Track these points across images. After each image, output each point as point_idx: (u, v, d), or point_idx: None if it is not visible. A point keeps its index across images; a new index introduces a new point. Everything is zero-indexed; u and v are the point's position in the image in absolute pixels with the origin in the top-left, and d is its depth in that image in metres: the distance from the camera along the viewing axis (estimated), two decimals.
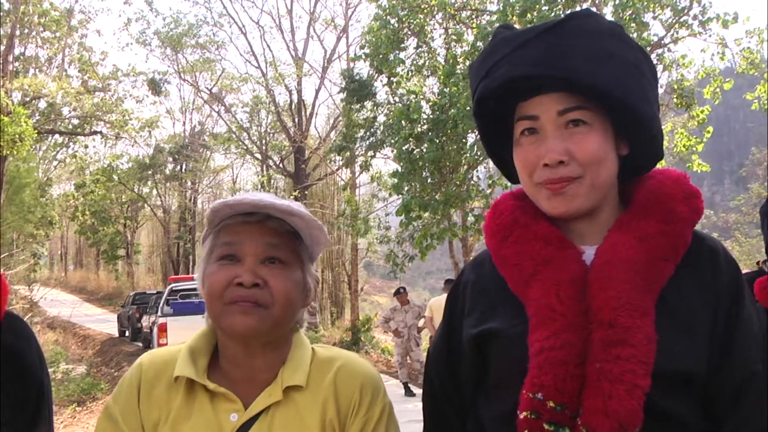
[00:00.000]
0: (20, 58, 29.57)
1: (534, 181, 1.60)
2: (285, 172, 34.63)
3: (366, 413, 1.68)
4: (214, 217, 1.68)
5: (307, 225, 1.68)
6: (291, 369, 1.68)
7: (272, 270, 1.63)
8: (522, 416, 1.47)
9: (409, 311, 14.70)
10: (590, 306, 1.50)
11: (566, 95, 1.55)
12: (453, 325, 1.78)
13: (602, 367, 1.43)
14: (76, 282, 49.10)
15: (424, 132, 17.02)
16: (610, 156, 1.58)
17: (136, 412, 1.66)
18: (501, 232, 1.68)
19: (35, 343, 1.90)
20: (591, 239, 1.62)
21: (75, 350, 21.64)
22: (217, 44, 35.26)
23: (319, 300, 33.82)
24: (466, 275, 1.79)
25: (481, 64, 1.68)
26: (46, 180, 38.00)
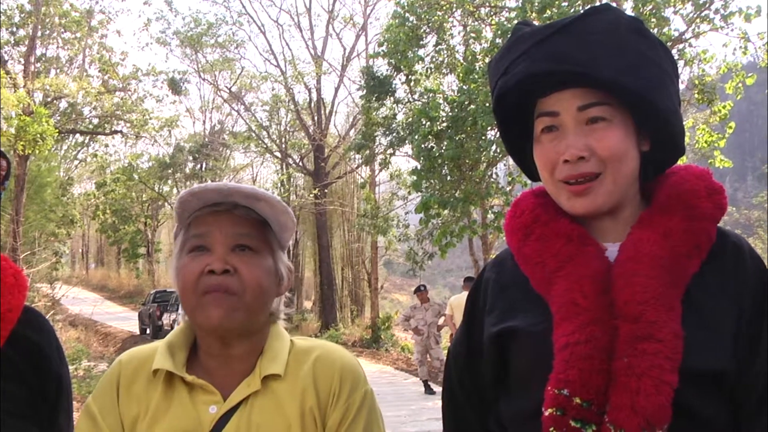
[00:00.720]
0: (42, 59, 29.75)
1: (555, 178, 1.59)
2: (305, 171, 34.67)
3: (346, 400, 1.66)
4: (183, 210, 1.69)
5: (274, 210, 1.68)
6: (269, 359, 1.68)
7: (242, 258, 1.63)
8: (547, 413, 1.46)
9: (429, 309, 14.69)
10: (615, 301, 1.48)
11: (586, 91, 1.54)
12: (473, 323, 1.77)
13: (630, 362, 1.41)
14: (97, 280, 49.35)
15: (444, 129, 17.00)
16: (631, 152, 1.57)
17: (115, 409, 1.66)
18: (522, 230, 1.67)
19: (54, 338, 1.91)
20: (613, 236, 1.61)
21: (96, 347, 21.77)
22: (236, 43, 35.38)
23: (339, 298, 33.87)
24: (487, 274, 1.78)
25: (499, 61, 1.67)
26: (67, 179, 38.24)
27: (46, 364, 1.83)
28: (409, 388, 15.69)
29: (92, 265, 56.75)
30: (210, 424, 1.61)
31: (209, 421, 1.61)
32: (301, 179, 36.83)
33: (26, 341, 1.80)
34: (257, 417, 1.61)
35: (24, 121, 17.44)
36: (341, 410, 1.65)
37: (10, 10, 26.42)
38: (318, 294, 33.97)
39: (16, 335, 1.77)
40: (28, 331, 1.81)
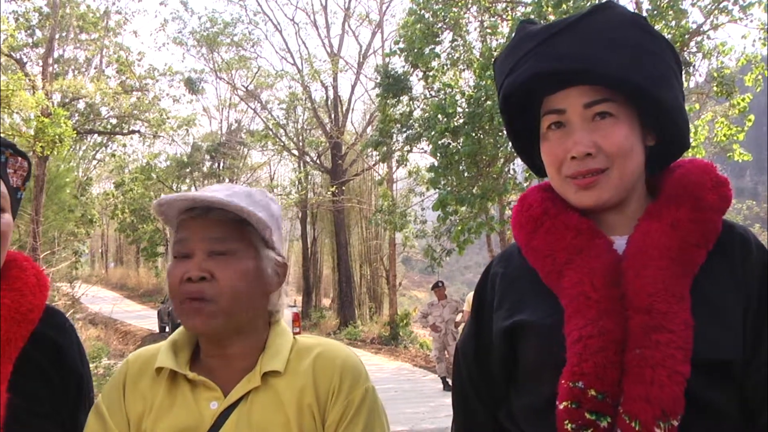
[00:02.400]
0: (59, 61, 29.91)
1: (562, 175, 1.61)
2: (322, 168, 34.69)
3: (346, 397, 1.67)
4: (165, 217, 1.72)
5: (245, 213, 1.66)
6: (269, 356, 1.70)
7: (218, 262, 1.64)
8: (562, 406, 1.46)
9: (446, 306, 14.70)
10: (626, 293, 1.50)
11: (592, 88, 1.56)
12: (482, 318, 1.78)
13: (643, 353, 1.42)
14: (116, 279, 49.60)
15: (460, 126, 16.93)
16: (637, 147, 1.59)
17: (122, 408, 1.70)
18: (530, 224, 1.69)
19: (75, 337, 1.94)
20: (620, 230, 1.63)
21: (116, 346, 21.87)
22: (252, 42, 35.45)
23: (357, 295, 33.90)
24: (494, 268, 1.79)
25: (504, 60, 1.69)
26: (86, 179, 38.43)
27: (68, 363, 1.86)
28: (428, 384, 15.70)
29: (111, 264, 57.03)
30: (211, 419, 1.63)
31: (210, 416, 1.63)
32: (319, 177, 36.84)
33: (48, 341, 1.82)
34: (257, 413, 1.63)
35: (43, 123, 17.55)
36: (341, 407, 1.66)
37: (28, 12, 26.56)
38: (336, 291, 34.00)
39: (39, 335, 1.79)
40: (49, 331, 1.84)
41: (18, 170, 1.87)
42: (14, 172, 1.86)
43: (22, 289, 1.79)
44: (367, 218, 32.52)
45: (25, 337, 1.75)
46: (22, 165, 1.88)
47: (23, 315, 1.75)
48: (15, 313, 1.74)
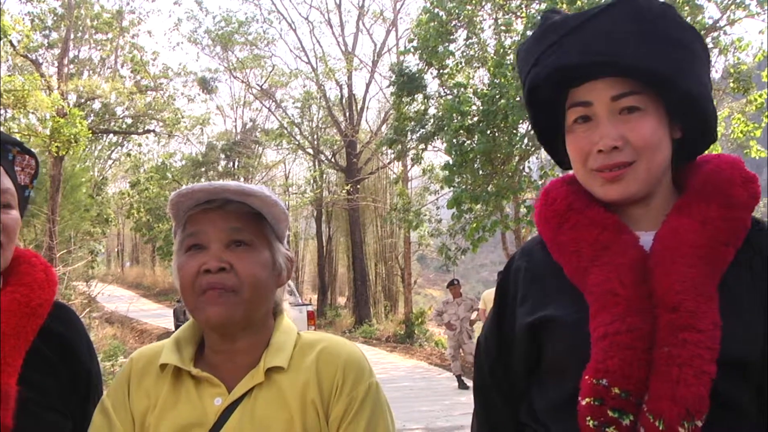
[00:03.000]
0: (75, 61, 30.02)
1: (588, 168, 1.59)
2: (337, 167, 34.68)
3: (350, 393, 1.66)
4: (177, 210, 1.71)
5: (264, 204, 1.68)
6: (273, 352, 1.69)
7: (237, 253, 1.65)
8: (584, 402, 1.45)
9: (461, 304, 14.66)
10: (653, 291, 1.48)
11: (619, 80, 1.54)
12: (504, 313, 1.77)
13: (670, 352, 1.41)
14: (132, 278, 49.72)
15: (475, 124, 16.91)
16: (664, 141, 1.56)
17: (126, 405, 1.70)
18: (555, 219, 1.67)
19: (84, 333, 1.96)
20: (645, 225, 1.61)
21: (132, 344, 21.90)
22: (267, 41, 35.46)
23: (373, 294, 33.89)
24: (517, 263, 1.77)
25: (529, 51, 1.67)
26: (101, 179, 38.56)
27: (76, 358, 1.87)
28: (443, 383, 15.66)
29: (127, 263, 57.20)
30: (215, 415, 1.63)
31: (214, 412, 1.63)
32: (334, 175, 36.84)
33: (57, 335, 1.84)
34: (260, 409, 1.63)
35: (58, 123, 17.61)
36: (344, 403, 1.65)
37: (43, 13, 26.69)
38: (351, 290, 34.00)
39: (47, 330, 1.81)
40: (58, 326, 1.86)
41: (26, 168, 1.89)
42: (22, 170, 1.87)
43: (32, 284, 1.81)
44: (382, 216, 32.53)
45: (34, 330, 1.77)
46: (29, 163, 1.89)
47: (33, 309, 1.77)
48: (25, 308, 1.76)
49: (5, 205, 1.76)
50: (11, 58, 25.34)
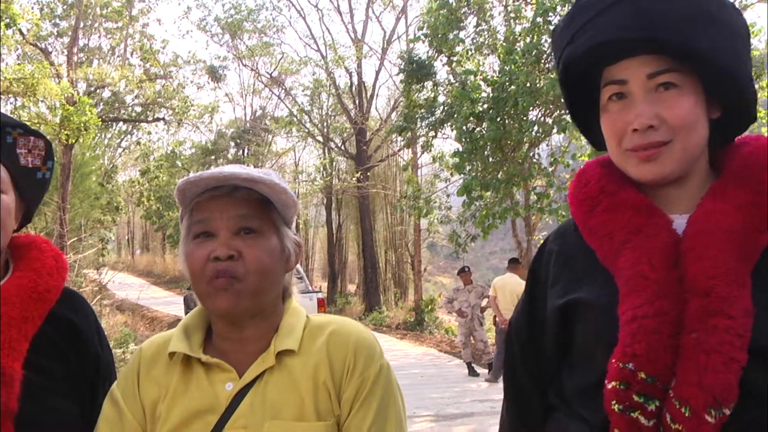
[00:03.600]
0: (84, 49, 30.05)
1: (623, 148, 1.56)
2: (347, 154, 34.68)
3: (361, 374, 1.65)
4: (183, 197, 1.70)
5: (273, 190, 1.67)
6: (283, 335, 1.69)
7: (246, 241, 1.64)
8: (610, 386, 1.44)
9: (472, 291, 14.64)
10: (685, 275, 1.45)
11: (655, 57, 1.51)
12: (535, 295, 1.75)
13: (698, 338, 1.38)
14: (143, 266, 49.85)
15: (485, 111, 16.88)
16: (701, 120, 1.53)
17: (136, 395, 1.70)
18: (588, 201, 1.65)
19: (93, 320, 1.95)
20: (679, 207, 1.58)
21: (143, 332, 21.97)
22: (276, 28, 35.42)
23: (383, 281, 33.93)
24: (549, 246, 1.76)
25: (564, 29, 1.64)
26: (111, 167, 38.60)
27: (85, 344, 1.87)
28: (453, 370, 15.68)
29: (138, 251, 57.36)
30: (227, 400, 1.63)
31: (226, 397, 1.63)
32: (344, 163, 36.86)
33: (66, 322, 1.84)
34: (272, 392, 1.63)
35: (68, 111, 17.63)
36: (356, 384, 1.65)
37: (53, 2, 26.71)
38: (361, 277, 34.06)
39: (56, 315, 1.81)
40: (67, 312, 1.86)
41: (33, 150, 1.86)
42: (28, 151, 1.85)
43: (40, 270, 1.81)
44: (392, 204, 32.55)
45: (42, 316, 1.77)
46: (36, 144, 1.87)
47: (40, 294, 1.77)
48: (32, 293, 1.76)
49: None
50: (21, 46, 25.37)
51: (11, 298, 1.73)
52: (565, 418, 1.66)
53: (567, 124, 15.74)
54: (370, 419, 1.63)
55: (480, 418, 10.25)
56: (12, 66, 18.91)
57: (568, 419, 1.64)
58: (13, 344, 1.68)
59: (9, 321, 1.70)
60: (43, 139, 1.89)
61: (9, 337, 1.68)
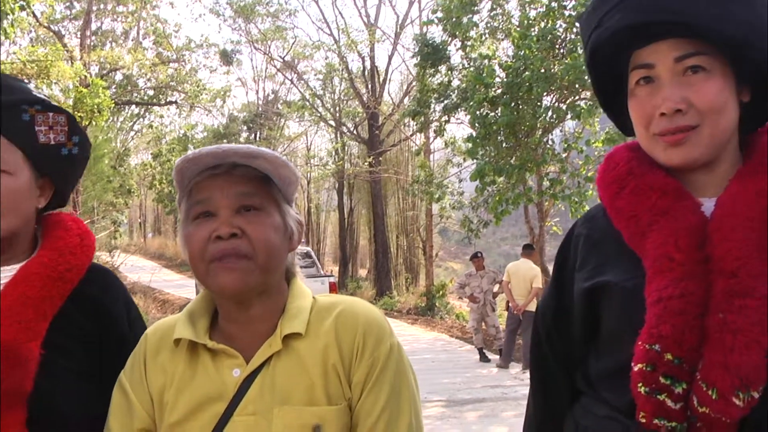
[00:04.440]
0: (97, 33, 30.10)
1: (650, 132, 1.55)
2: (359, 139, 34.66)
3: (371, 355, 1.62)
4: (182, 178, 1.66)
5: (274, 166, 1.64)
6: (289, 318, 1.65)
7: (248, 218, 1.61)
8: (637, 368, 1.43)
9: (484, 276, 14.63)
10: (711, 256, 1.44)
11: (683, 41, 1.50)
12: (563, 278, 1.75)
13: (725, 318, 1.37)
14: (154, 248, 50.01)
15: (499, 96, 16.79)
16: (730, 103, 1.52)
17: (143, 383, 1.68)
18: (616, 184, 1.63)
19: (124, 298, 1.94)
20: (709, 191, 1.57)
21: (155, 314, 22.04)
22: (288, 12, 35.36)
23: (394, 266, 33.97)
24: (578, 229, 1.75)
25: (592, 13, 1.63)
26: (123, 150, 38.73)
27: (111, 322, 1.86)
28: (464, 355, 15.70)
29: (150, 234, 57.58)
30: (234, 387, 1.60)
31: (233, 384, 1.60)
32: (356, 147, 36.86)
33: (91, 299, 1.83)
34: (280, 377, 1.60)
35: (81, 93, 17.65)
36: (366, 365, 1.61)
37: None
38: (373, 262, 34.12)
39: (80, 293, 1.80)
40: (93, 290, 1.85)
41: (55, 126, 1.83)
42: (50, 128, 1.82)
43: (62, 249, 1.80)
44: (403, 189, 32.53)
45: (63, 295, 1.76)
46: (57, 120, 1.83)
47: (60, 274, 1.76)
48: (52, 271, 1.75)
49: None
50: (34, 29, 25.42)
51: (30, 277, 1.73)
52: (591, 402, 1.66)
53: (581, 110, 15.68)
54: (383, 401, 1.60)
55: (491, 404, 10.26)
56: (26, 47, 18.95)
57: (594, 403, 1.64)
58: (29, 324, 1.67)
59: (26, 300, 1.69)
60: (64, 114, 1.85)
61: (26, 317, 1.67)
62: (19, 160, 1.76)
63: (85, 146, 1.91)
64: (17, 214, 1.74)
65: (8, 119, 1.75)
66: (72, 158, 1.88)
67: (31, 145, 1.79)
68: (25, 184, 1.77)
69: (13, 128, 1.76)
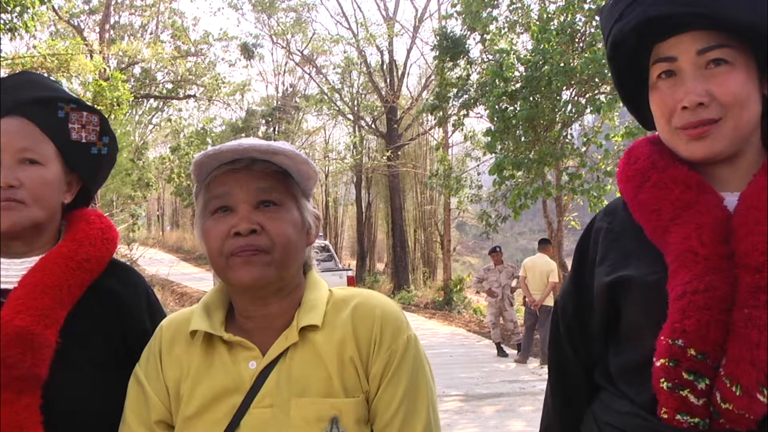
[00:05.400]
0: (116, 27, 30.20)
1: (672, 126, 1.54)
2: (377, 133, 34.65)
3: (389, 347, 1.62)
4: (200, 171, 1.66)
5: (293, 161, 1.64)
6: (306, 310, 1.66)
7: (267, 213, 1.61)
8: (659, 363, 1.42)
9: (502, 271, 14.64)
10: (735, 250, 1.43)
11: (706, 33, 1.48)
12: (583, 272, 1.73)
13: (750, 314, 1.36)
14: (173, 242, 50.25)
15: (518, 90, 16.75)
16: (753, 96, 1.50)
17: (159, 375, 1.69)
18: (637, 177, 1.62)
19: (145, 294, 1.96)
20: (732, 185, 1.55)
21: (173, 307, 22.17)
22: (307, 7, 35.34)
23: (412, 260, 33.97)
24: (598, 223, 1.74)
25: (613, 6, 1.62)
26: (142, 143, 38.87)
27: (131, 316, 1.88)
28: (482, 350, 15.70)
29: (168, 227, 57.86)
30: (251, 379, 1.61)
31: (250, 376, 1.61)
32: (374, 141, 36.86)
33: (111, 293, 1.86)
34: (297, 369, 1.60)
35: (101, 87, 17.72)
36: (384, 358, 1.61)
37: None
38: (390, 256, 34.15)
39: (101, 286, 1.85)
40: (114, 284, 1.88)
41: (87, 125, 1.90)
42: (82, 126, 1.89)
43: (82, 240, 1.84)
44: (422, 183, 32.52)
45: (82, 285, 1.80)
46: (90, 119, 1.91)
47: (78, 263, 1.79)
48: (69, 261, 1.78)
49: (30, 161, 1.78)
50: (54, 23, 25.55)
51: (48, 266, 1.76)
52: (610, 397, 1.64)
53: (600, 104, 15.61)
54: (401, 394, 1.61)
55: (509, 399, 10.25)
56: (46, 41, 19.06)
57: (613, 399, 1.63)
58: (46, 311, 1.70)
59: (44, 288, 1.72)
60: (97, 114, 1.93)
61: (42, 304, 1.70)
62: (51, 153, 1.82)
63: (113, 147, 1.99)
64: (43, 205, 1.79)
65: (44, 114, 1.82)
66: (101, 158, 1.95)
67: (63, 140, 1.85)
68: (55, 176, 1.82)
69: (48, 123, 1.83)
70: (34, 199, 1.76)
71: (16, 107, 1.80)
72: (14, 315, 1.66)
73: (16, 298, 1.70)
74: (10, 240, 1.79)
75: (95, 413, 1.74)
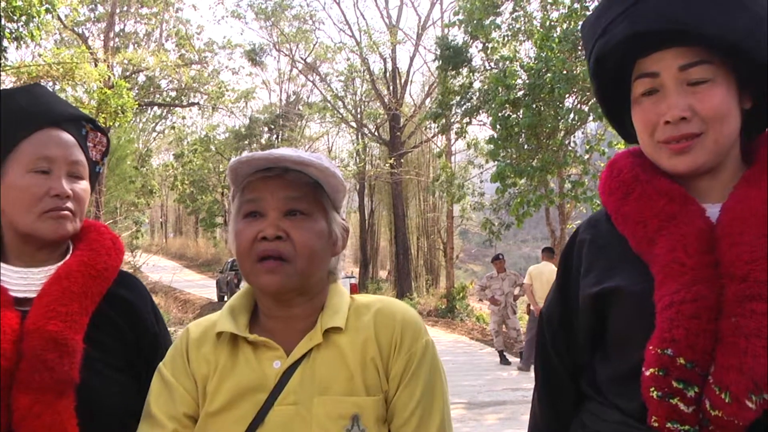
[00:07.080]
0: (120, 35, 30.29)
1: (655, 140, 1.57)
2: (380, 140, 34.63)
3: (408, 350, 1.68)
4: (235, 176, 1.72)
5: (323, 174, 1.69)
6: (329, 314, 1.72)
7: (294, 222, 1.66)
8: (648, 373, 1.44)
9: (505, 279, 14.60)
10: (721, 260, 1.45)
11: (688, 50, 1.51)
12: (568, 284, 1.76)
13: (738, 322, 1.38)
14: (176, 249, 50.29)
15: (520, 97, 16.79)
16: (733, 111, 1.53)
17: (187, 370, 1.73)
18: (621, 189, 1.65)
19: (149, 299, 2.05)
20: (712, 197, 1.58)
21: (176, 314, 22.18)
22: (311, 15, 35.40)
23: (414, 267, 33.93)
24: (581, 235, 1.76)
25: (596, 21, 1.65)
26: (146, 151, 38.95)
27: (141, 322, 1.97)
28: (485, 358, 15.67)
29: (171, 234, 57.92)
30: (275, 378, 1.65)
31: (274, 375, 1.65)
32: (377, 149, 36.82)
33: (122, 300, 1.94)
34: (320, 369, 1.65)
35: (105, 95, 17.77)
36: (404, 360, 1.67)
37: None
38: (393, 263, 34.09)
39: (114, 295, 1.92)
40: (124, 291, 1.96)
41: (97, 145, 2.00)
42: (93, 146, 1.99)
43: (99, 250, 1.92)
44: (425, 190, 32.51)
45: (100, 293, 1.87)
46: (101, 140, 2.01)
47: (98, 272, 1.88)
48: (91, 269, 1.87)
49: (77, 176, 1.88)
50: (59, 32, 25.62)
51: (72, 273, 1.84)
52: (599, 407, 1.67)
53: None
54: (418, 395, 1.66)
55: (512, 407, 10.24)
56: (51, 50, 19.12)
57: (602, 408, 1.65)
58: (74, 317, 1.78)
59: (71, 295, 1.80)
60: (106, 136, 2.04)
61: (71, 310, 1.78)
62: (86, 167, 1.94)
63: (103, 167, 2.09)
64: (82, 218, 1.91)
65: (76, 130, 1.93)
66: (98, 177, 2.07)
67: (88, 157, 1.96)
68: (88, 191, 1.94)
69: (80, 139, 1.93)
70: (80, 212, 1.88)
71: (56, 121, 1.88)
72: (46, 321, 1.73)
73: (45, 305, 1.76)
74: (42, 248, 1.87)
75: (112, 415, 1.81)
